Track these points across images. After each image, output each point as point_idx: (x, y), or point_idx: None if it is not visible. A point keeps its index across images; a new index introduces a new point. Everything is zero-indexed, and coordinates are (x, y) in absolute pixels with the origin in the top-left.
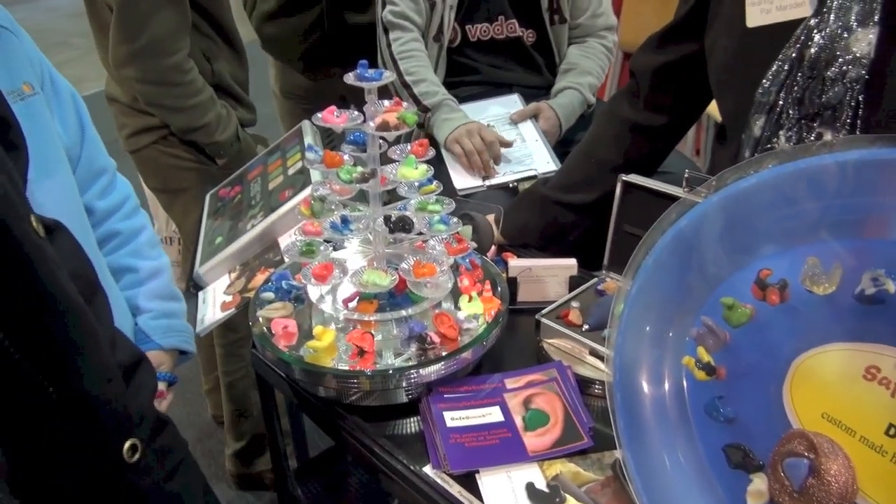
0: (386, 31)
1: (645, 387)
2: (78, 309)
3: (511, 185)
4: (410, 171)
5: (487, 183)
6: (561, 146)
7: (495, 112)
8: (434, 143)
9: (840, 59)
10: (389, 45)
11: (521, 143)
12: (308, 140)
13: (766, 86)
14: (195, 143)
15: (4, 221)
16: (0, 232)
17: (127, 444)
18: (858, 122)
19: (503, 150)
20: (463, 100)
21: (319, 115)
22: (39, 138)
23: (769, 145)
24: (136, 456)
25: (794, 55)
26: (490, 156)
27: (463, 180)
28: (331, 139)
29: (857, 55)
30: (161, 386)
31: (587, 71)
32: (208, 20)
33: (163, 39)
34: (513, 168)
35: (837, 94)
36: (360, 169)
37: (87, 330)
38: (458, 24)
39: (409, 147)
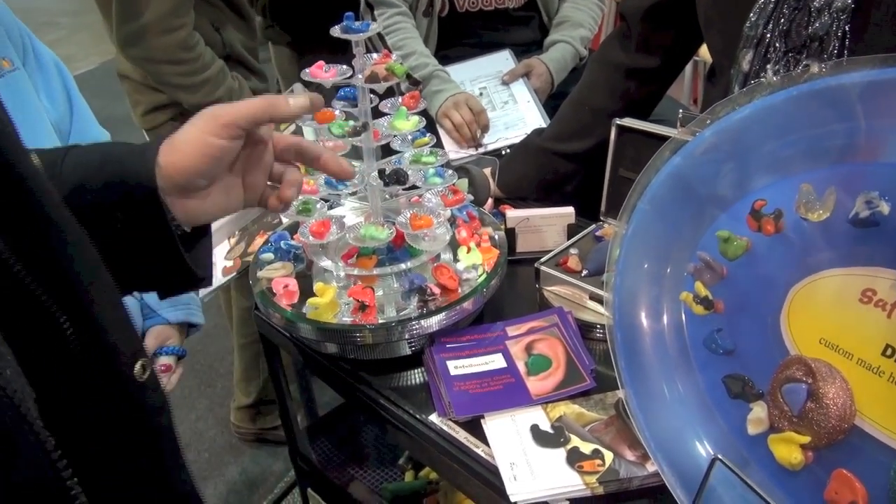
0: (370, 9)
1: (644, 324)
2: (81, 237)
3: (504, 153)
4: (403, 122)
5: (480, 151)
6: (553, 100)
7: (486, 72)
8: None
9: None
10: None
11: (512, 105)
12: None
13: (754, 19)
14: None
15: (7, 157)
16: (4, 167)
17: (138, 365)
18: (845, 52)
19: (494, 116)
20: (454, 59)
21: (308, 70)
22: (24, 116)
23: (758, 80)
24: (146, 375)
25: None
26: (479, 126)
27: (455, 151)
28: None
29: None
30: (170, 360)
31: (579, 23)
32: None
33: (164, 17)
34: (505, 134)
35: (824, 25)
36: (351, 123)
37: (91, 257)
38: None
39: (399, 100)
